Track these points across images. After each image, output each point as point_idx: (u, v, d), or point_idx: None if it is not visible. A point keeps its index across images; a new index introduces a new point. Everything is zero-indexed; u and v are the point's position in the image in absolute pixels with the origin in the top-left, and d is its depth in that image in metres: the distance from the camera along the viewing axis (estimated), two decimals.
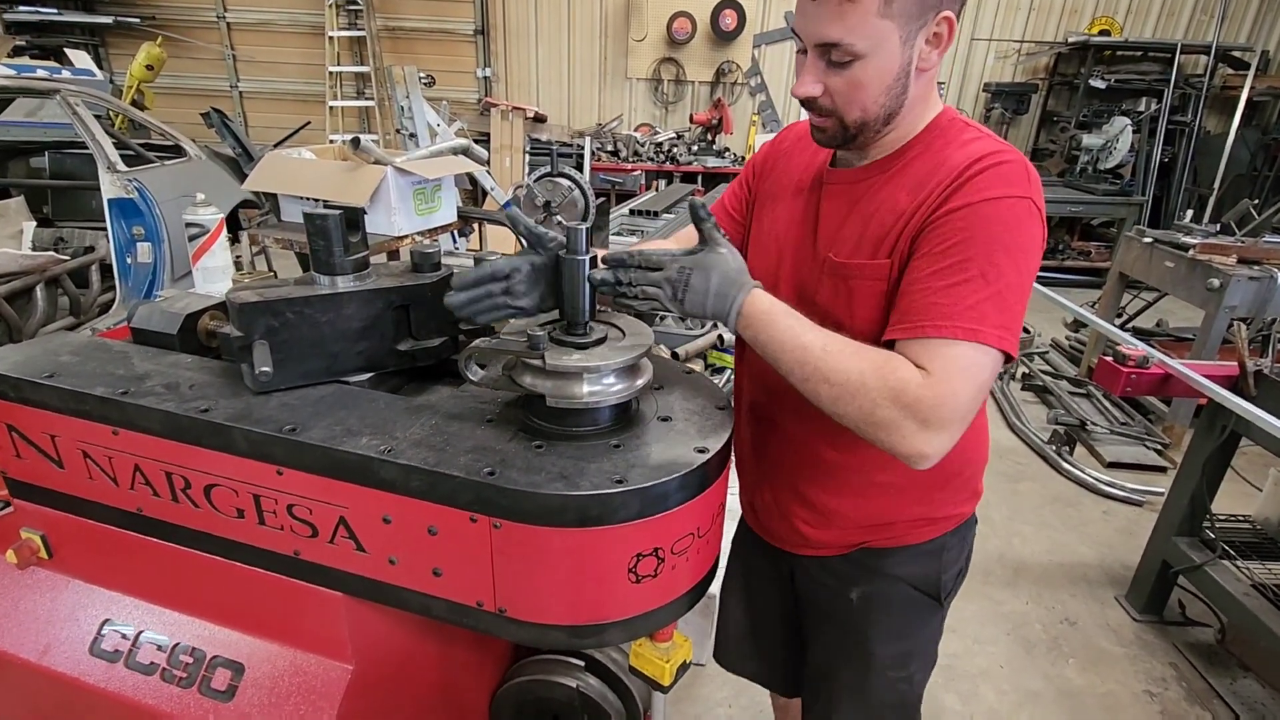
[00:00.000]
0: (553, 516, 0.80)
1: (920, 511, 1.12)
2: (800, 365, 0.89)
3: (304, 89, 7.70)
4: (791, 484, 1.16)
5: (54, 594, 1.16)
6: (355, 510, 0.89)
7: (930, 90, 0.98)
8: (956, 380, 0.84)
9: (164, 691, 1.05)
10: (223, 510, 0.97)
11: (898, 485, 1.09)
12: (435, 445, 0.87)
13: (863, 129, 0.96)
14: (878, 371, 0.85)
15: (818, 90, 0.94)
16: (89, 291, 3.48)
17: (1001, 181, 0.88)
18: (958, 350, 0.85)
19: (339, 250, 1.00)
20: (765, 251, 1.14)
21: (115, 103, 4.01)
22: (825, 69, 0.92)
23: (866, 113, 0.94)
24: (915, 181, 0.95)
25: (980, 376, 0.86)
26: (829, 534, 1.15)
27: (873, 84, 0.91)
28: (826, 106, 0.95)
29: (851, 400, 0.86)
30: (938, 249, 0.88)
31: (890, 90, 0.92)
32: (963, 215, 0.88)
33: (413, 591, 0.92)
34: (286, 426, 0.90)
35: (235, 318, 0.95)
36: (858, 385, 0.86)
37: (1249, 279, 3.36)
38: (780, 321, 0.91)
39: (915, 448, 0.85)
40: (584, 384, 0.90)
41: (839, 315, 1.00)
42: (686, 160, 7.01)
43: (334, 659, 1.01)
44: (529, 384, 0.91)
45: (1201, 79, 6.95)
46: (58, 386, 0.99)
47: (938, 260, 0.88)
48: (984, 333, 0.85)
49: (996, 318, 0.86)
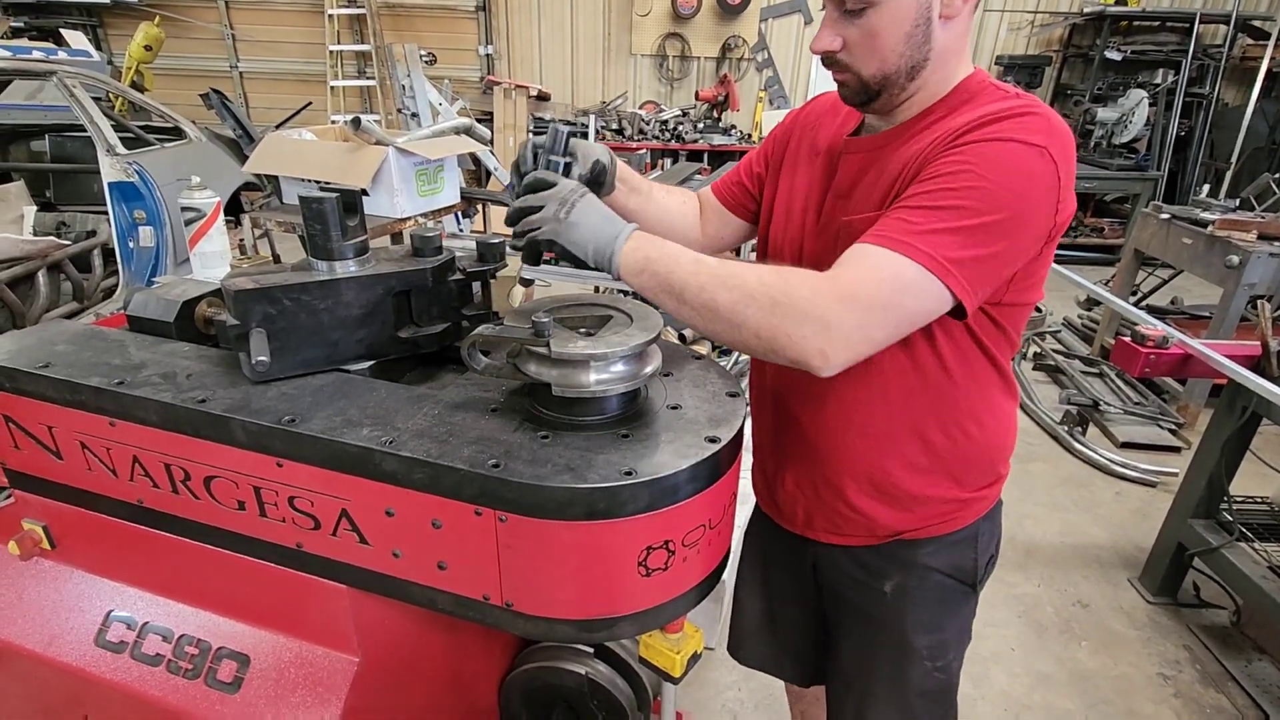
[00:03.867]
0: (560, 509, 0.78)
1: (950, 491, 1.08)
2: (695, 279, 0.83)
3: (304, 68, 7.60)
4: (820, 473, 1.11)
5: (58, 585, 1.15)
6: (357, 503, 0.87)
7: (962, 46, 0.92)
8: (868, 285, 0.79)
9: (170, 683, 1.04)
10: (223, 502, 0.95)
11: (922, 466, 1.05)
12: (438, 436, 0.85)
13: (885, 84, 0.91)
14: (778, 274, 0.81)
15: (836, 44, 0.90)
16: (92, 276, 3.46)
17: (1016, 127, 0.82)
18: (883, 257, 0.80)
19: (336, 235, 0.96)
20: (784, 219, 1.10)
21: (114, 84, 3.95)
22: (841, 20, 0.88)
23: (885, 64, 0.89)
24: (932, 139, 0.89)
25: (898, 297, 0.80)
26: (859, 522, 1.11)
27: (889, 32, 0.86)
28: (845, 61, 0.91)
29: (750, 304, 0.80)
30: (924, 176, 0.84)
31: (910, 39, 0.87)
32: (960, 150, 0.82)
33: (417, 585, 0.90)
34: (285, 417, 0.87)
35: (231, 305, 0.93)
36: (755, 286, 0.80)
37: (1269, 255, 3.28)
38: (669, 247, 0.87)
39: (813, 348, 0.78)
40: (591, 372, 0.86)
41: None
42: (692, 138, 6.91)
43: (340, 651, 1.00)
44: (534, 372, 0.87)
45: (1220, 50, 6.78)
46: (53, 377, 0.97)
47: (919, 186, 0.83)
48: (922, 253, 0.79)
49: (952, 251, 0.79)
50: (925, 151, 0.87)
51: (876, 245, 0.81)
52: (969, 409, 1.03)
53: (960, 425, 1.03)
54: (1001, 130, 0.82)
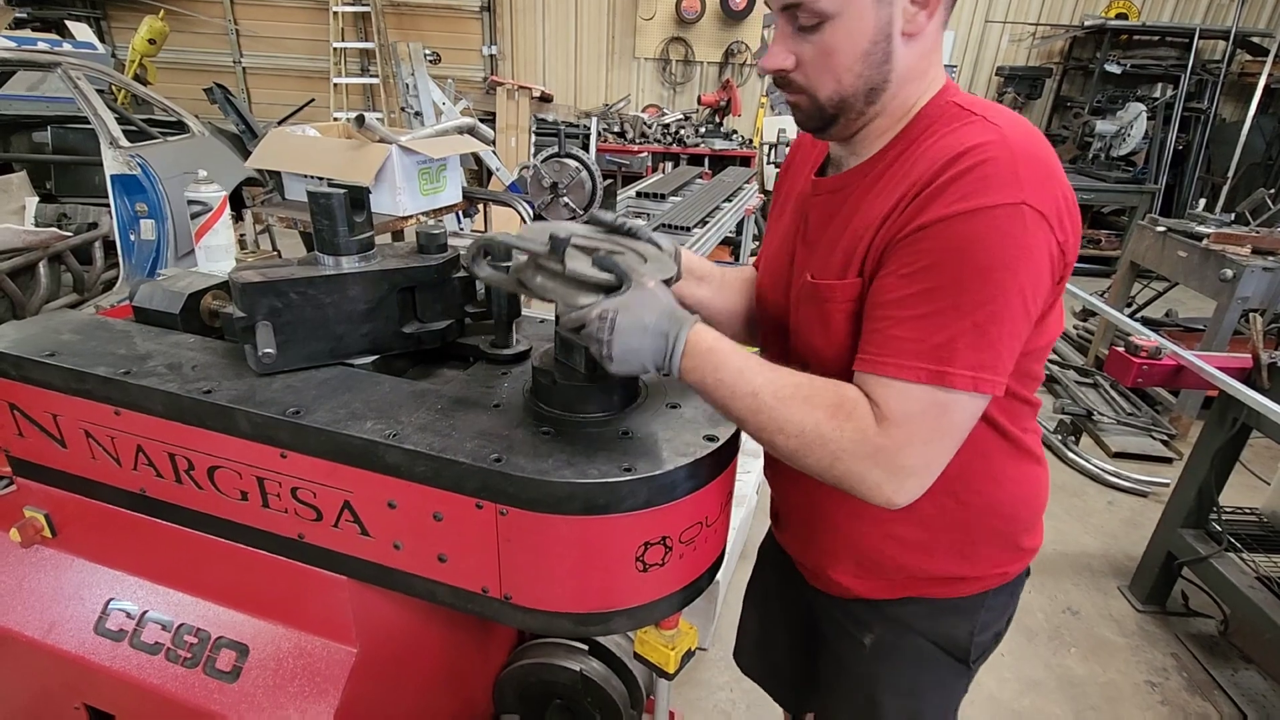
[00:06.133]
0: (560, 504, 0.79)
1: (952, 569, 0.99)
2: (753, 414, 0.79)
3: (308, 65, 7.61)
4: (812, 537, 1.07)
5: (58, 572, 1.16)
6: (360, 495, 0.88)
7: (927, 65, 0.84)
8: (917, 426, 0.76)
9: (169, 671, 1.05)
10: (226, 492, 0.96)
11: (916, 541, 0.97)
12: (441, 430, 0.86)
13: (842, 107, 0.83)
14: (833, 419, 0.77)
15: (789, 62, 0.82)
16: (92, 268, 3.46)
17: (982, 186, 0.74)
18: (920, 393, 0.75)
19: (343, 230, 0.98)
20: (769, 269, 1.04)
21: (118, 77, 3.95)
22: (795, 37, 0.82)
23: (842, 85, 0.82)
24: (892, 185, 0.82)
25: (948, 421, 0.77)
26: (852, 581, 1.04)
27: (846, 49, 0.79)
28: (799, 81, 0.84)
29: (810, 453, 0.78)
30: (905, 270, 0.77)
31: (868, 58, 0.80)
32: (934, 233, 0.75)
33: (417, 577, 0.91)
34: (290, 409, 0.89)
35: (238, 298, 0.94)
36: (814, 437, 0.77)
37: (1263, 270, 3.31)
38: (730, 362, 0.79)
39: (883, 496, 0.77)
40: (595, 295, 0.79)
41: (816, 342, 0.91)
42: (694, 142, 6.93)
43: (339, 642, 1.01)
44: (538, 287, 0.81)
45: (1219, 65, 6.83)
46: (59, 366, 0.98)
47: (905, 284, 0.77)
48: (952, 375, 0.75)
49: (971, 355, 0.74)
50: (890, 211, 0.80)
51: (904, 380, 0.76)
52: (969, 475, 0.92)
53: (955, 494, 0.93)
54: (967, 198, 0.74)
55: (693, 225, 3.13)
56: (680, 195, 3.81)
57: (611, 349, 0.77)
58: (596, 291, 0.79)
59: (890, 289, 0.79)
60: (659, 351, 0.79)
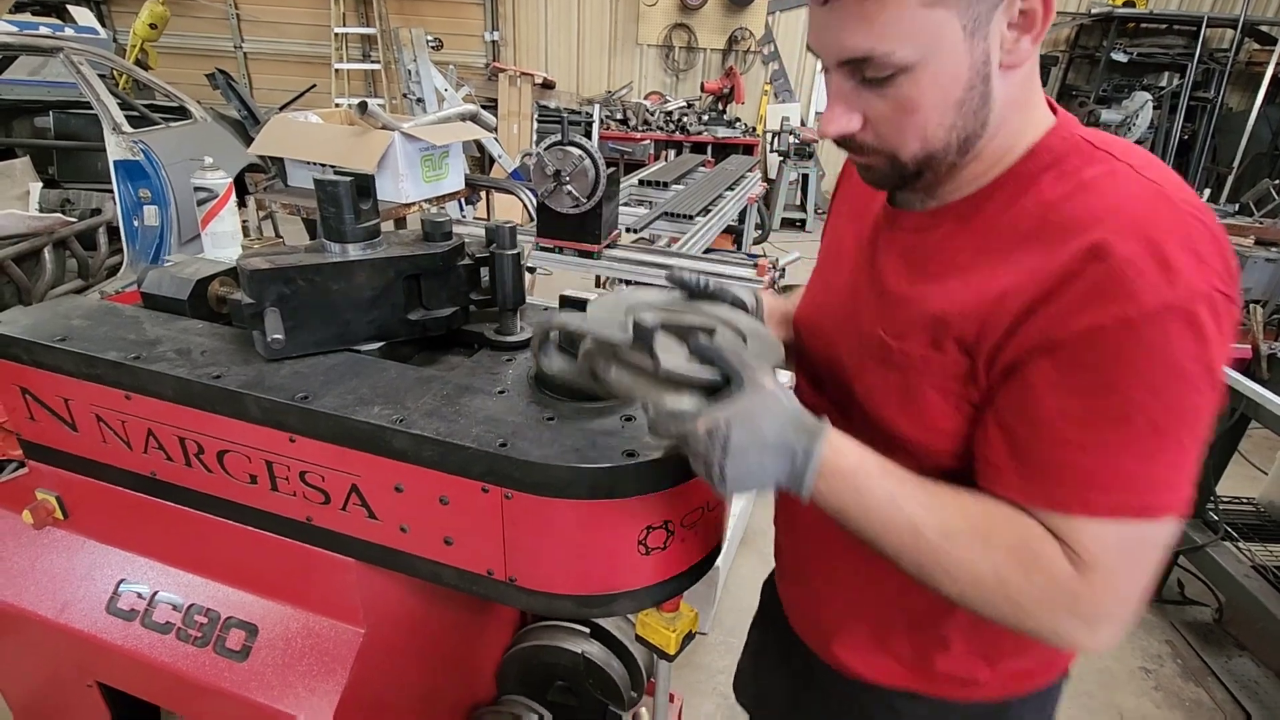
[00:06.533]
0: (564, 488, 0.81)
1: (966, 670, 0.86)
2: (913, 552, 0.66)
3: (309, 50, 7.58)
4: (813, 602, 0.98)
5: (70, 554, 1.18)
6: (367, 478, 0.90)
7: (1029, 94, 0.69)
8: (1120, 567, 0.63)
9: (180, 650, 1.07)
10: (235, 476, 0.98)
11: (941, 638, 0.85)
12: (447, 416, 0.88)
13: (929, 164, 0.69)
14: (1017, 565, 0.64)
15: (855, 124, 0.67)
16: (97, 254, 3.48)
17: (1166, 276, 0.58)
18: (1122, 531, 0.63)
19: (350, 218, 0.99)
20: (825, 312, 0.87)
21: (120, 62, 3.95)
22: (859, 91, 0.66)
23: (930, 143, 0.67)
24: (1008, 243, 0.67)
25: (1152, 555, 0.65)
26: (857, 659, 0.93)
27: (932, 102, 0.64)
28: (871, 144, 0.69)
29: (987, 602, 0.66)
30: (1075, 383, 0.62)
31: (963, 105, 0.65)
32: (1112, 339, 0.60)
33: (423, 559, 0.93)
34: (299, 394, 0.90)
35: (246, 285, 0.95)
36: (994, 585, 0.65)
37: (1265, 260, 3.32)
38: (877, 487, 0.66)
39: (1078, 645, 0.67)
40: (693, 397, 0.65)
41: (890, 418, 0.76)
42: (697, 130, 6.91)
43: (346, 622, 1.03)
44: (617, 383, 0.67)
45: (1226, 53, 6.79)
46: (70, 350, 0.99)
47: (1079, 400, 0.62)
48: (1156, 504, 0.62)
49: (1171, 476, 0.62)
50: (1018, 286, 0.64)
51: (1101, 519, 0.63)
52: None
53: None
54: (1144, 294, 0.58)
55: (695, 214, 3.13)
56: (683, 183, 3.81)
57: (725, 470, 0.63)
58: (696, 391, 0.64)
59: (1057, 405, 0.63)
60: (784, 472, 0.66)
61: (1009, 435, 0.67)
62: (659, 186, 3.71)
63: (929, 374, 0.71)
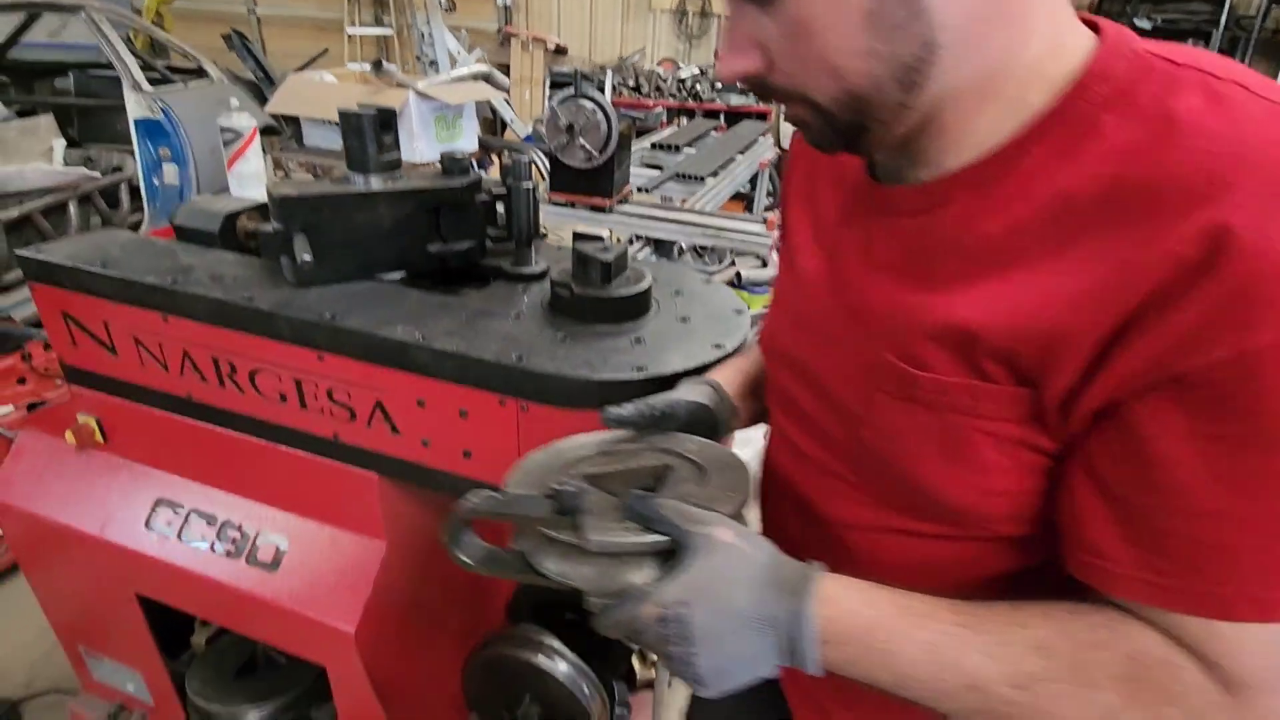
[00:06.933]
0: (577, 399, 0.86)
1: None
2: (982, 715, 0.49)
3: (321, 14, 7.55)
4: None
5: (110, 474, 1.25)
6: (391, 394, 0.95)
7: (1027, 6, 0.48)
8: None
9: (215, 562, 1.14)
10: (266, 395, 1.04)
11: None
12: (467, 335, 0.93)
13: (864, 110, 0.51)
14: (1135, 701, 0.46)
15: (755, 63, 0.53)
16: (119, 211, 3.55)
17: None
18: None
19: (373, 149, 1.03)
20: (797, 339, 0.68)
21: (140, 22, 3.98)
22: (757, 19, 0.51)
23: (846, 77, 0.49)
24: (1063, 220, 0.47)
25: None
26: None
27: (828, 19, 0.47)
28: (784, 87, 0.53)
29: None
30: (1213, 424, 0.42)
31: (876, 19, 0.46)
32: (1271, 364, 0.40)
33: (444, 472, 0.99)
34: (327, 313, 0.95)
35: (275, 210, 1.00)
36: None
37: None
38: (904, 644, 0.49)
39: None
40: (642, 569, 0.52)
41: (926, 475, 0.54)
42: (709, 97, 6.85)
43: (369, 536, 1.10)
44: (555, 572, 0.54)
45: (1253, 20, 6.62)
46: (109, 275, 1.05)
47: (1221, 449, 0.43)
48: None
49: None
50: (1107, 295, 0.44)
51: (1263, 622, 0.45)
52: None
53: None
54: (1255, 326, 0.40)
55: (706, 175, 3.15)
56: (694, 147, 3.81)
57: (697, 665, 0.49)
58: (648, 560, 0.52)
59: (1195, 464, 0.43)
60: (774, 650, 0.49)
61: (1117, 506, 0.47)
62: (671, 150, 3.71)
63: (979, 413, 0.51)
